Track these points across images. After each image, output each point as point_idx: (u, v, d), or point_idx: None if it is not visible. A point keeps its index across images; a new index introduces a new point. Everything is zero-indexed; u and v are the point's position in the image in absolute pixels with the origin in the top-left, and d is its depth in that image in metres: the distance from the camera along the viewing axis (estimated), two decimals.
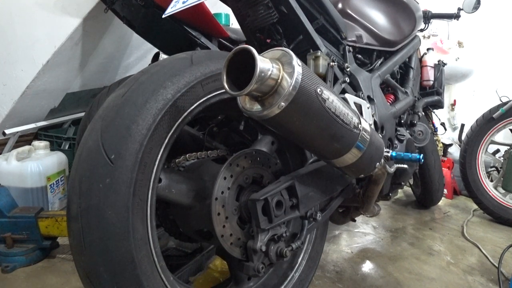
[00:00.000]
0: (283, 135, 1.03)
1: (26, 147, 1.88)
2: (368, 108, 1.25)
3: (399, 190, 2.27)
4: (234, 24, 2.03)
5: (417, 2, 1.75)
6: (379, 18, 1.55)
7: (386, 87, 1.67)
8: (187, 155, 1.01)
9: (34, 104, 2.01)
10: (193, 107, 0.83)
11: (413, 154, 1.07)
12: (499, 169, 2.47)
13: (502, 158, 2.42)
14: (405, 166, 1.19)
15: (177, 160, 1.00)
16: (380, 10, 1.57)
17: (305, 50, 1.20)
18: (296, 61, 0.68)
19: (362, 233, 1.93)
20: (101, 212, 0.69)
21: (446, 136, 2.93)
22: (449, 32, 3.02)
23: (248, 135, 1.19)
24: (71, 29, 1.75)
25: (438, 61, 2.13)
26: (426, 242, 1.84)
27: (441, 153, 2.74)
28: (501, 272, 1.52)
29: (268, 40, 1.24)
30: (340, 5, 1.50)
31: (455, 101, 3.17)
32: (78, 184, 0.72)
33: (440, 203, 2.42)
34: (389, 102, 1.58)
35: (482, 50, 2.98)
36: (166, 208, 1.04)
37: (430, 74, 2.06)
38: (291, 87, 0.67)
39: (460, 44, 2.95)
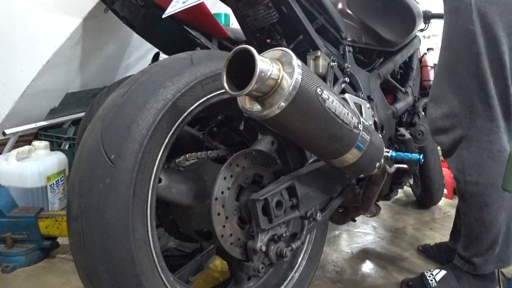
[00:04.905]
0: (283, 135, 1.03)
1: (26, 147, 1.88)
2: (368, 108, 1.25)
3: (399, 190, 2.27)
4: (234, 24, 2.03)
5: (417, 2, 1.75)
6: (379, 18, 1.55)
7: (386, 87, 1.67)
8: (187, 155, 1.01)
9: (34, 104, 2.01)
10: (193, 107, 0.84)
11: (413, 154, 1.07)
12: None
13: None
14: (405, 166, 1.19)
15: (177, 160, 1.00)
16: (380, 10, 1.57)
17: (305, 50, 1.20)
18: (296, 61, 0.68)
19: (362, 233, 1.93)
20: (101, 212, 0.69)
21: None
22: None
23: (248, 135, 1.19)
24: (71, 29, 1.75)
25: None
26: (426, 242, 1.83)
27: (441, 153, 2.74)
28: (501, 272, 1.51)
29: (268, 40, 1.24)
30: (340, 5, 1.50)
31: None
32: (78, 184, 0.72)
33: (440, 203, 2.42)
34: (389, 102, 1.58)
35: None
36: (166, 208, 1.04)
37: (430, 74, 2.06)
38: (291, 87, 0.67)
39: None
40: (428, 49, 2.12)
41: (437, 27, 2.64)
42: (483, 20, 1.10)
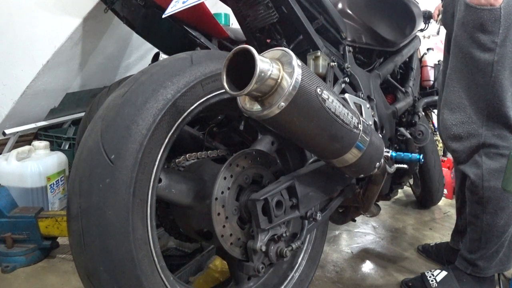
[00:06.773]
0: (283, 135, 1.03)
1: (26, 147, 1.87)
2: (368, 108, 1.25)
3: (399, 190, 2.27)
4: (234, 24, 2.03)
5: (417, 2, 1.75)
6: (379, 18, 1.55)
7: (386, 87, 1.67)
8: (187, 155, 1.01)
9: (34, 104, 2.01)
10: (193, 107, 0.84)
11: (413, 154, 1.07)
12: None
13: None
14: (405, 166, 1.19)
15: (177, 160, 1.00)
16: (380, 10, 1.57)
17: (305, 50, 1.20)
18: (296, 61, 0.68)
19: (362, 233, 1.93)
20: (101, 212, 0.69)
21: None
22: None
23: (248, 135, 1.19)
24: (71, 29, 1.75)
25: (438, 61, 2.13)
26: (426, 242, 1.83)
27: (441, 153, 2.74)
28: (502, 273, 1.52)
29: (268, 40, 1.24)
30: (340, 5, 1.50)
31: None
32: (78, 184, 0.72)
33: (440, 203, 2.42)
34: (389, 102, 1.58)
35: None
36: (166, 208, 1.04)
37: (430, 74, 2.06)
38: (291, 87, 0.67)
39: None
40: (428, 49, 2.12)
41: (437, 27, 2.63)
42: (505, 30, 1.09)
